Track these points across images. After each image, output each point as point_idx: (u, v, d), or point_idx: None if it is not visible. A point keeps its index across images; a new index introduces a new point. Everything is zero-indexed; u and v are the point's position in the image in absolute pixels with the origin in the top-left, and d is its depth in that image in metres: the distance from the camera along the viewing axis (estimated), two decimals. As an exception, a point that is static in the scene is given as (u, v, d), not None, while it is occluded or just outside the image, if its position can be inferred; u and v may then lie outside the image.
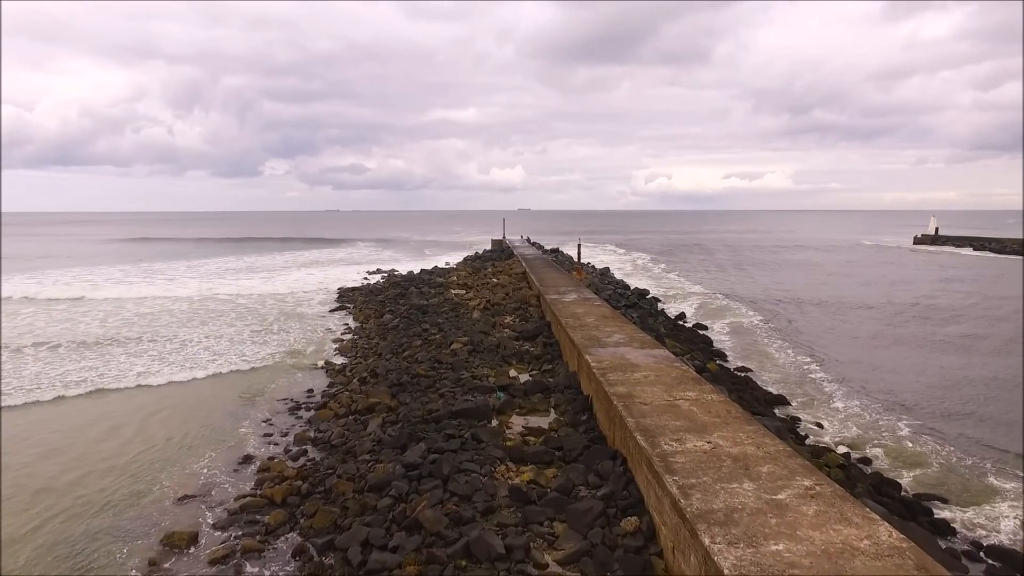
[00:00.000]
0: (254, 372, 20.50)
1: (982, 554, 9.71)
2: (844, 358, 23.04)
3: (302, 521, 9.97)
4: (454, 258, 57.47)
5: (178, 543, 9.59)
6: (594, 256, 63.66)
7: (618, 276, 44.48)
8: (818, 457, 11.87)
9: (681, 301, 36.55)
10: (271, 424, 15.22)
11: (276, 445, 13.81)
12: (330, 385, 18.35)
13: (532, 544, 8.44)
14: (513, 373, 17.48)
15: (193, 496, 11.34)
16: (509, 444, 12.00)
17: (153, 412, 16.39)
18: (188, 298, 37.92)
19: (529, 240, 70.71)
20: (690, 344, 22.42)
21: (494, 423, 13.43)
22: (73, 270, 54.64)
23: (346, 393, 16.72)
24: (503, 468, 10.94)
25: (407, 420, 13.52)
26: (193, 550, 9.51)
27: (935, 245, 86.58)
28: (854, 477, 11.40)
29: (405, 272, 45.85)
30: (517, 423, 13.51)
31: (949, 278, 48.85)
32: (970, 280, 47.68)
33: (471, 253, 60.10)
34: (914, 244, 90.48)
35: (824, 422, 16.06)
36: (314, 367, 20.83)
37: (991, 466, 13.43)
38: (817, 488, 7.50)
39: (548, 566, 8.11)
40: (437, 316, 26.08)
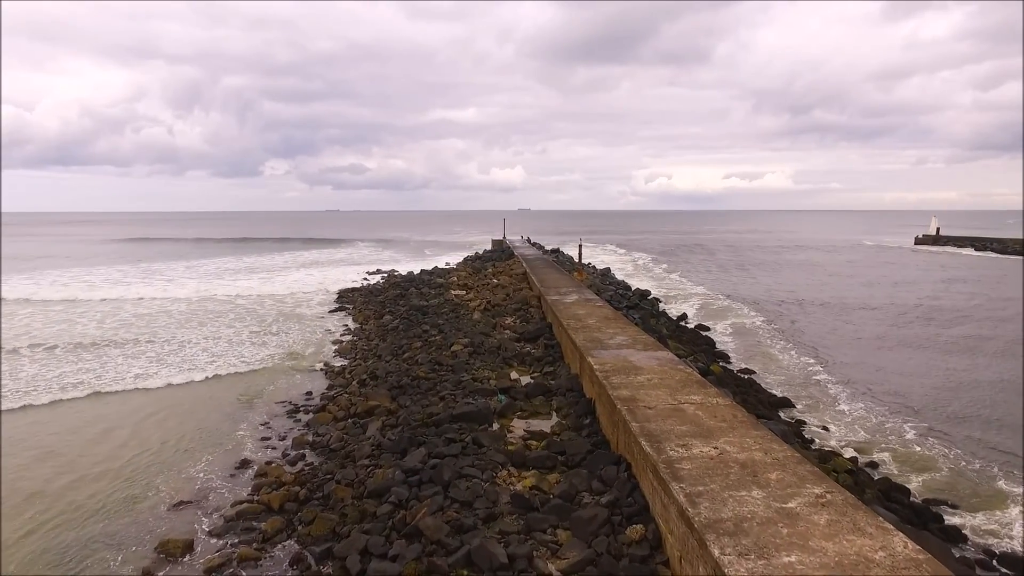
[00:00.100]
0: (252, 374, 20.28)
1: (995, 562, 9.49)
2: (848, 359, 22.84)
3: (300, 528, 9.75)
4: (454, 258, 57.23)
5: (173, 551, 9.39)
6: (595, 256, 63.46)
7: (619, 277, 44.19)
8: (826, 462, 11.67)
9: (683, 302, 36.35)
10: (269, 427, 15.00)
11: (274, 449, 13.60)
12: (329, 387, 18.15)
13: (535, 553, 8.23)
14: (514, 375, 17.28)
15: (189, 502, 11.14)
16: (511, 448, 11.79)
17: (150, 415, 16.20)
18: (187, 299, 37.71)
19: (529, 240, 70.43)
20: (693, 346, 22.22)
21: (495, 427, 13.22)
22: (72, 270, 54.46)
23: (345, 396, 16.50)
24: (505, 473, 10.73)
25: (407, 423, 13.33)
26: (188, 558, 9.30)
27: (936, 245, 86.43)
28: (863, 482, 11.20)
29: (405, 273, 45.64)
30: (519, 426, 13.30)
31: (952, 279, 48.64)
32: (973, 281, 47.47)
33: (471, 253, 59.83)
34: (915, 244, 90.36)
35: (830, 425, 15.86)
36: (313, 369, 20.61)
37: (999, 470, 13.22)
38: (828, 496, 7.30)
39: (552, 576, 7.91)
40: (437, 317, 25.85)
